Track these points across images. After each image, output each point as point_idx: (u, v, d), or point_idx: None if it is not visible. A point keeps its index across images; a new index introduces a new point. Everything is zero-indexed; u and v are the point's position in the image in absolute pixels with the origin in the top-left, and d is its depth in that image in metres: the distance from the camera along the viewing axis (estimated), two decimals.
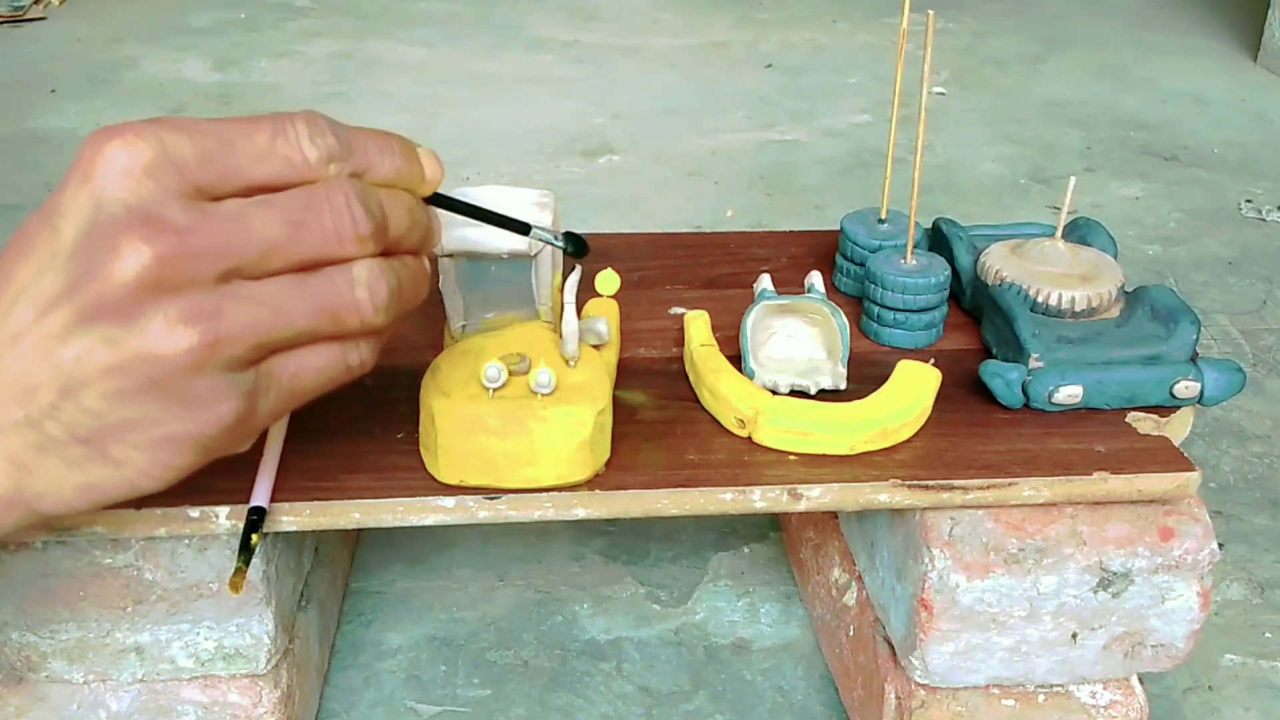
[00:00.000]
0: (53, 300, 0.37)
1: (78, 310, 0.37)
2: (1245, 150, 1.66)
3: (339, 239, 0.39)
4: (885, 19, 2.21)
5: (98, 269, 0.36)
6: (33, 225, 0.39)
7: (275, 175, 0.39)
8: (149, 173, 0.37)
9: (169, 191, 0.37)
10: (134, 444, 0.39)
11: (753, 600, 0.82)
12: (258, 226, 0.38)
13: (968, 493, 0.57)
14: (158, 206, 0.37)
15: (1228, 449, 1.00)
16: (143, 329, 0.37)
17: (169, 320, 0.37)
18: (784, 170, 1.56)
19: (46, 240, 0.38)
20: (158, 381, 0.38)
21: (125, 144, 0.37)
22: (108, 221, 0.37)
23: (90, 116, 1.67)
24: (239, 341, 0.38)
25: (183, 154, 0.37)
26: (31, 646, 0.58)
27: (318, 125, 0.40)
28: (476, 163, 1.56)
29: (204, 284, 0.37)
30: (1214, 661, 0.78)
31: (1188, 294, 1.24)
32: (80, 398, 0.38)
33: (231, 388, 0.39)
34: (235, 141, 0.38)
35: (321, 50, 2.00)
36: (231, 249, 0.38)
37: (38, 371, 0.37)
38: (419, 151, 0.43)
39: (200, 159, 0.38)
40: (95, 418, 0.38)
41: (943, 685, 0.62)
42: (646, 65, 1.97)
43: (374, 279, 0.40)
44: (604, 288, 0.70)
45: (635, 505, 0.56)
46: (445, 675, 0.75)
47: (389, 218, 0.41)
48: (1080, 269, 0.67)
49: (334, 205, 0.39)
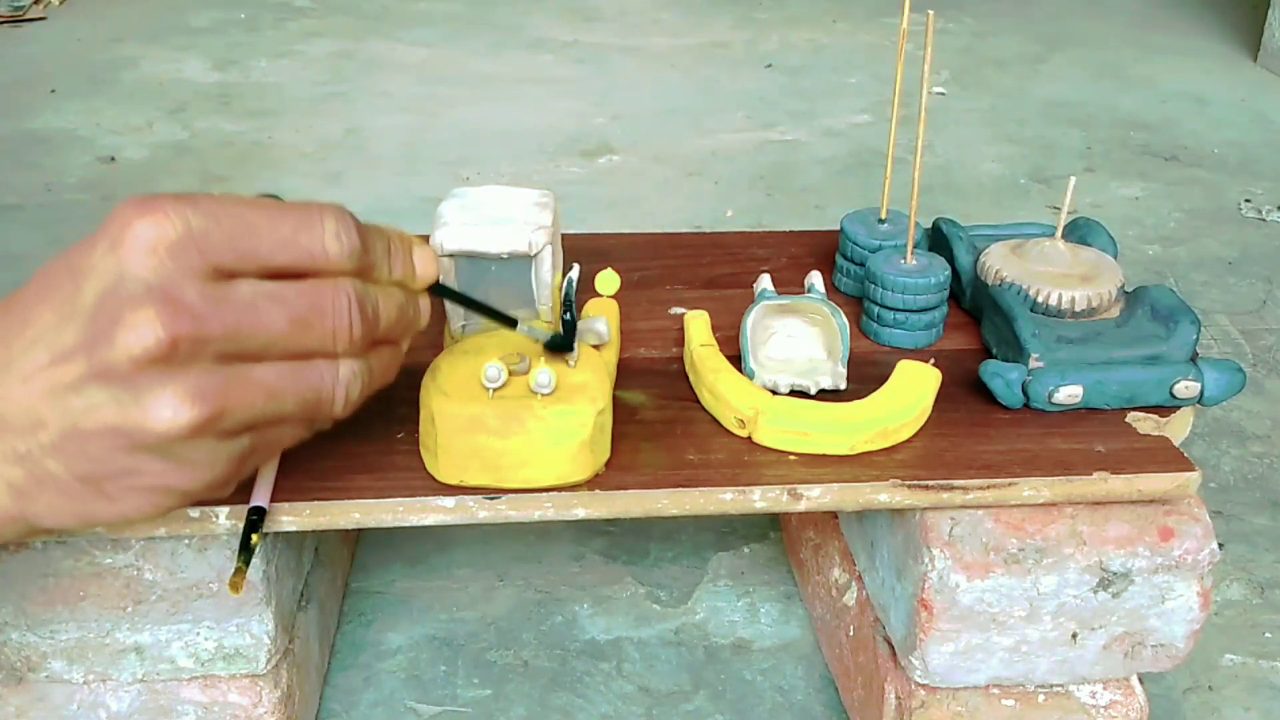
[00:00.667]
0: (68, 352, 0.40)
1: (90, 369, 0.39)
2: (1245, 150, 1.66)
3: (334, 339, 0.43)
4: (885, 19, 2.21)
5: (112, 337, 0.39)
6: (57, 273, 0.41)
7: (292, 263, 0.42)
8: (172, 252, 0.39)
9: (188, 272, 0.39)
10: (129, 488, 0.42)
11: (753, 600, 0.82)
12: (265, 319, 0.41)
13: (968, 493, 0.57)
14: (175, 287, 0.39)
15: (1228, 449, 1.00)
16: (148, 402, 0.39)
17: (175, 396, 0.39)
18: (784, 170, 1.56)
19: (69, 293, 0.40)
20: (158, 446, 0.41)
21: (154, 222, 0.39)
22: (127, 295, 0.39)
23: (90, 116, 1.68)
24: (234, 418, 0.42)
25: (207, 235, 0.40)
26: (31, 646, 0.58)
27: (344, 223, 0.43)
28: (476, 163, 1.56)
29: (208, 363, 0.40)
30: (1214, 661, 0.78)
31: (1188, 294, 1.24)
32: (83, 444, 0.40)
33: (223, 453, 0.43)
34: (260, 229, 0.41)
35: (321, 50, 2.00)
36: (239, 336, 0.41)
37: (45, 412, 0.40)
38: (418, 252, 0.47)
39: (223, 241, 0.40)
40: (95, 463, 0.41)
41: (943, 685, 0.62)
42: (646, 65, 1.97)
43: (352, 380, 0.45)
44: (604, 288, 0.70)
45: (635, 505, 0.56)
46: (445, 675, 0.75)
47: (381, 318, 0.45)
48: (1080, 269, 0.67)
49: (337, 309, 0.43)
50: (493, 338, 0.58)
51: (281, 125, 1.67)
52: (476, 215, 0.60)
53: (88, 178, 1.49)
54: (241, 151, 1.58)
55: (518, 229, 0.59)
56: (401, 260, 0.46)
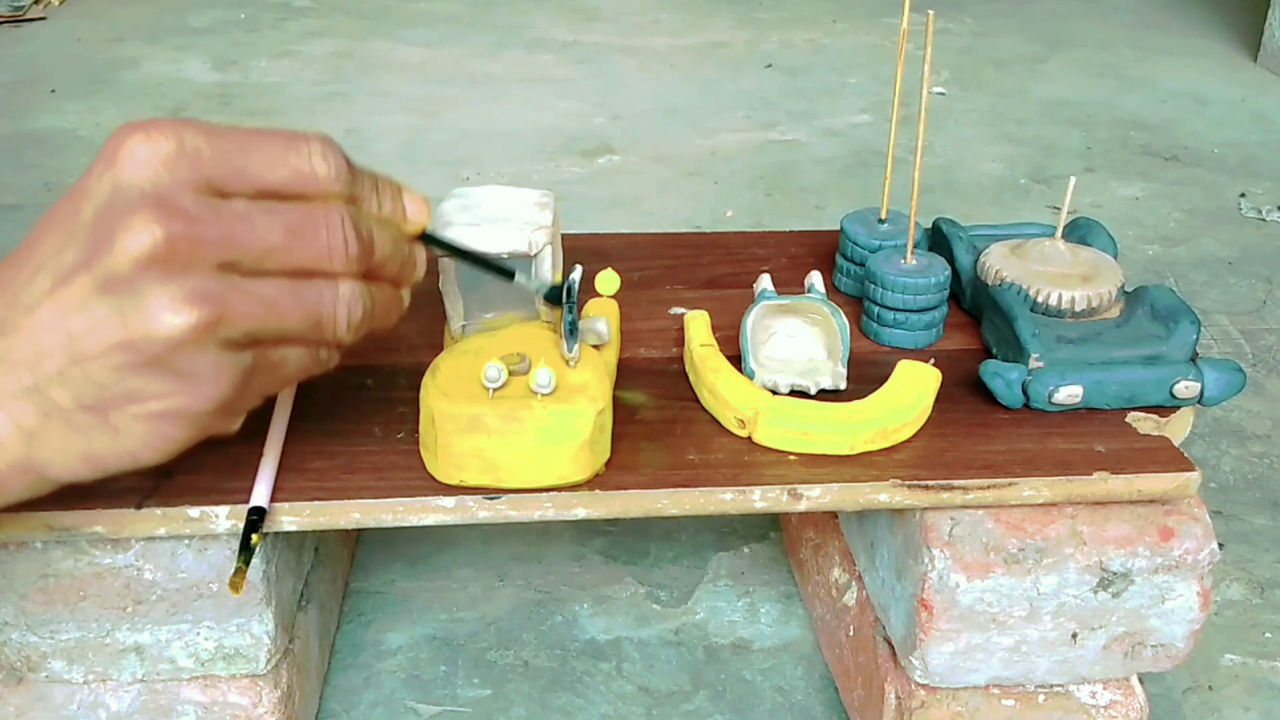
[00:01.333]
0: (69, 271, 0.40)
1: (92, 280, 0.40)
2: (1245, 150, 1.66)
3: (329, 254, 0.43)
4: (885, 19, 2.21)
5: (110, 242, 0.39)
6: (59, 206, 0.42)
7: (283, 183, 0.43)
8: (166, 164, 0.40)
9: (183, 182, 0.40)
10: (135, 415, 0.42)
11: (753, 600, 0.82)
12: (260, 228, 0.42)
13: (968, 493, 0.57)
14: (171, 193, 0.40)
15: (1228, 449, 1.00)
16: (149, 305, 0.40)
17: (174, 298, 0.40)
18: (784, 170, 1.56)
19: (69, 218, 0.41)
20: (162, 357, 0.40)
21: (147, 137, 0.40)
22: (123, 201, 0.40)
23: (90, 116, 1.68)
24: (235, 326, 0.41)
25: (200, 151, 0.41)
26: (31, 646, 0.58)
27: (330, 147, 0.44)
28: (476, 163, 1.56)
29: (206, 269, 0.40)
30: (1214, 661, 0.78)
31: (1188, 294, 1.24)
32: (87, 367, 0.40)
33: (228, 366, 0.42)
34: (250, 146, 0.42)
35: (321, 50, 2.00)
36: (235, 243, 0.41)
37: (49, 339, 0.40)
38: (407, 194, 0.48)
39: (216, 157, 0.41)
40: (100, 387, 0.41)
41: (943, 685, 0.62)
42: (646, 65, 1.97)
43: (353, 299, 0.44)
44: (604, 288, 0.70)
45: (635, 505, 0.56)
46: (445, 675, 0.75)
47: (376, 244, 0.45)
48: (1080, 269, 0.67)
49: (330, 224, 0.43)
50: (493, 338, 0.58)
51: (281, 125, 1.67)
52: (477, 215, 0.60)
53: None
54: None
55: (518, 229, 0.59)
56: (390, 197, 0.47)
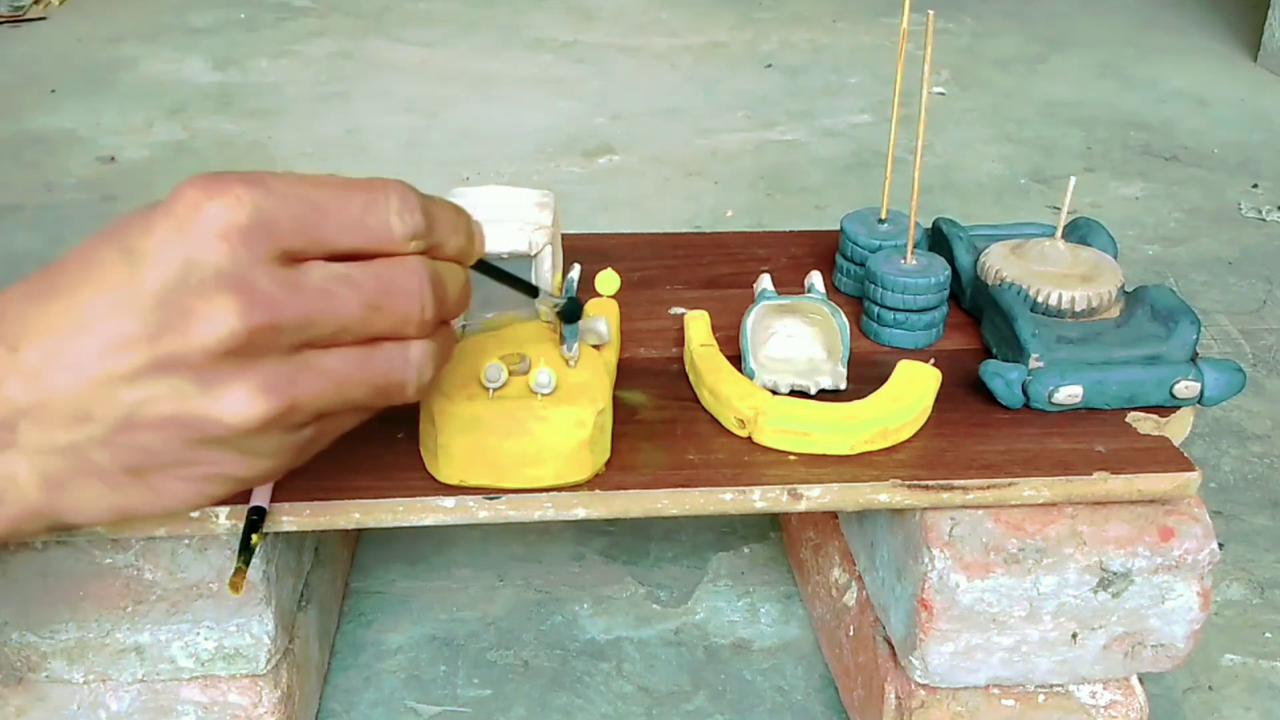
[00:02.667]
0: (127, 342, 0.37)
1: (154, 359, 0.37)
2: (1245, 150, 1.66)
3: (406, 322, 0.41)
4: (885, 19, 2.21)
5: (184, 327, 0.37)
6: (106, 254, 0.38)
7: (360, 245, 0.40)
8: (244, 238, 0.37)
9: (260, 258, 0.37)
10: (180, 478, 0.40)
11: (753, 600, 0.82)
12: (339, 304, 0.39)
13: (968, 493, 0.57)
14: (250, 274, 0.37)
15: (1228, 449, 1.00)
16: (218, 394, 0.38)
17: (247, 390, 0.38)
18: (784, 170, 1.56)
19: (124, 278, 0.37)
20: (225, 439, 0.39)
21: (225, 206, 0.37)
22: (198, 283, 0.37)
23: (90, 116, 1.68)
24: (305, 410, 0.40)
25: (277, 219, 0.38)
26: (31, 646, 0.58)
27: (408, 201, 0.41)
28: (476, 163, 1.56)
29: (281, 353, 0.38)
30: (1214, 661, 0.78)
31: (1188, 294, 1.24)
32: (138, 435, 0.38)
33: (288, 443, 0.41)
34: (328, 210, 0.39)
35: (321, 50, 2.00)
36: (313, 324, 0.39)
37: (94, 404, 0.38)
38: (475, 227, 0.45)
39: (293, 226, 0.38)
40: (148, 455, 0.39)
41: (943, 685, 0.62)
42: (646, 65, 1.97)
43: (423, 362, 0.42)
44: (604, 288, 0.70)
45: (635, 505, 0.56)
46: (445, 675, 0.75)
47: (449, 297, 0.43)
48: (1080, 269, 0.67)
49: (408, 289, 0.41)
50: (493, 338, 0.58)
51: (281, 125, 1.67)
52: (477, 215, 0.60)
53: (88, 178, 1.49)
54: (241, 151, 1.58)
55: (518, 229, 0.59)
56: (459, 233, 0.44)
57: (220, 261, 0.37)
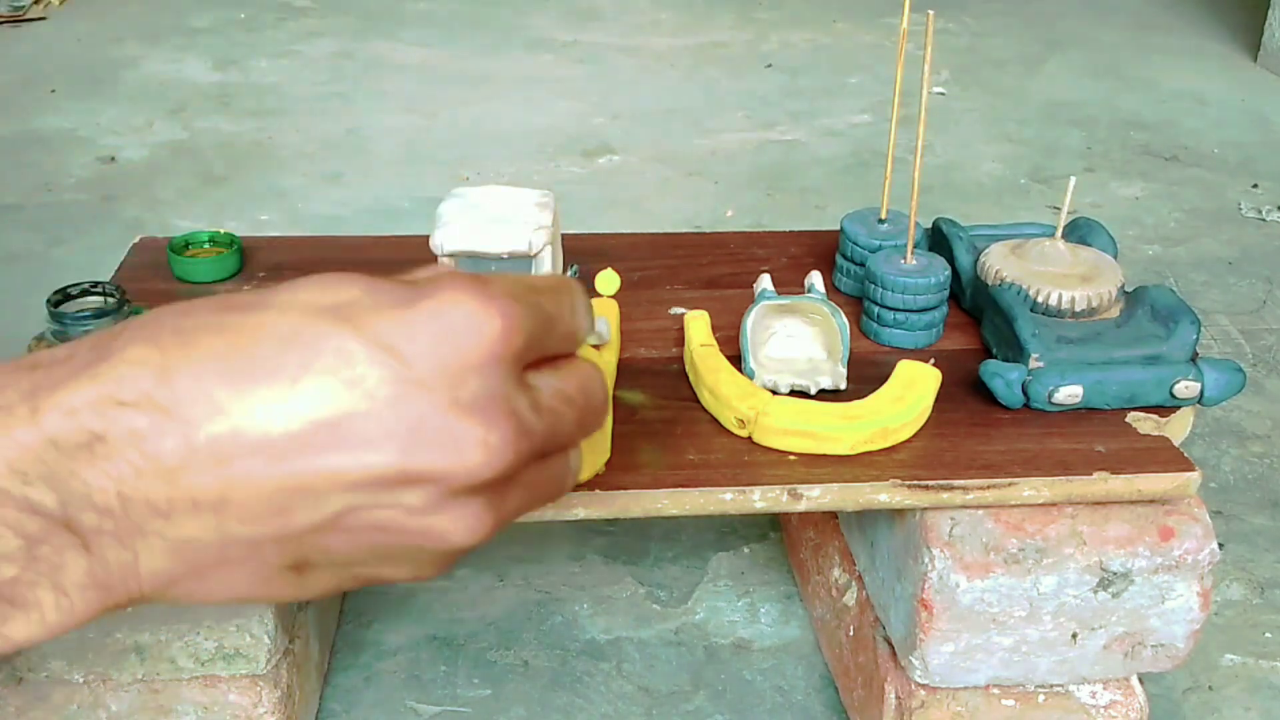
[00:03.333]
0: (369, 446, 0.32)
1: (401, 472, 0.33)
2: (1245, 150, 1.66)
3: (591, 430, 0.39)
4: (885, 19, 2.21)
5: (449, 448, 0.33)
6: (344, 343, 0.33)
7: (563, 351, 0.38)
8: (512, 358, 0.34)
9: (517, 379, 0.35)
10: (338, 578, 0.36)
11: (753, 600, 0.82)
12: (563, 426, 0.37)
13: (968, 493, 0.57)
14: (514, 399, 0.34)
15: (1228, 449, 1.00)
16: (455, 514, 0.34)
17: (479, 510, 0.34)
18: (784, 170, 1.56)
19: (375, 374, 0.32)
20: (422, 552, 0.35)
21: (500, 322, 0.34)
22: (472, 405, 0.33)
23: (90, 116, 1.68)
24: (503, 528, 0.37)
25: (530, 336, 0.35)
26: (31, 646, 0.58)
27: (587, 303, 0.39)
28: (476, 163, 1.56)
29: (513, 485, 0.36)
30: (1214, 661, 0.78)
31: (1188, 294, 1.24)
32: (331, 538, 0.34)
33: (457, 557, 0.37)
34: (554, 320, 0.37)
35: (321, 50, 2.00)
36: (546, 450, 0.37)
37: (299, 504, 0.33)
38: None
39: (535, 341, 0.36)
40: (327, 555, 0.35)
41: (943, 685, 0.62)
42: (646, 65, 1.97)
43: (578, 465, 0.40)
44: (604, 288, 0.70)
45: (635, 505, 0.56)
46: (445, 675, 0.75)
47: None
48: (1080, 269, 0.67)
49: (601, 401, 0.39)
50: None
51: (281, 125, 1.67)
52: (477, 215, 0.60)
53: (87, 178, 1.49)
54: (241, 151, 1.58)
55: (518, 229, 0.59)
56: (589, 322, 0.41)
57: (490, 383, 0.33)
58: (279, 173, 1.52)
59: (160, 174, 1.51)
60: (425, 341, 0.33)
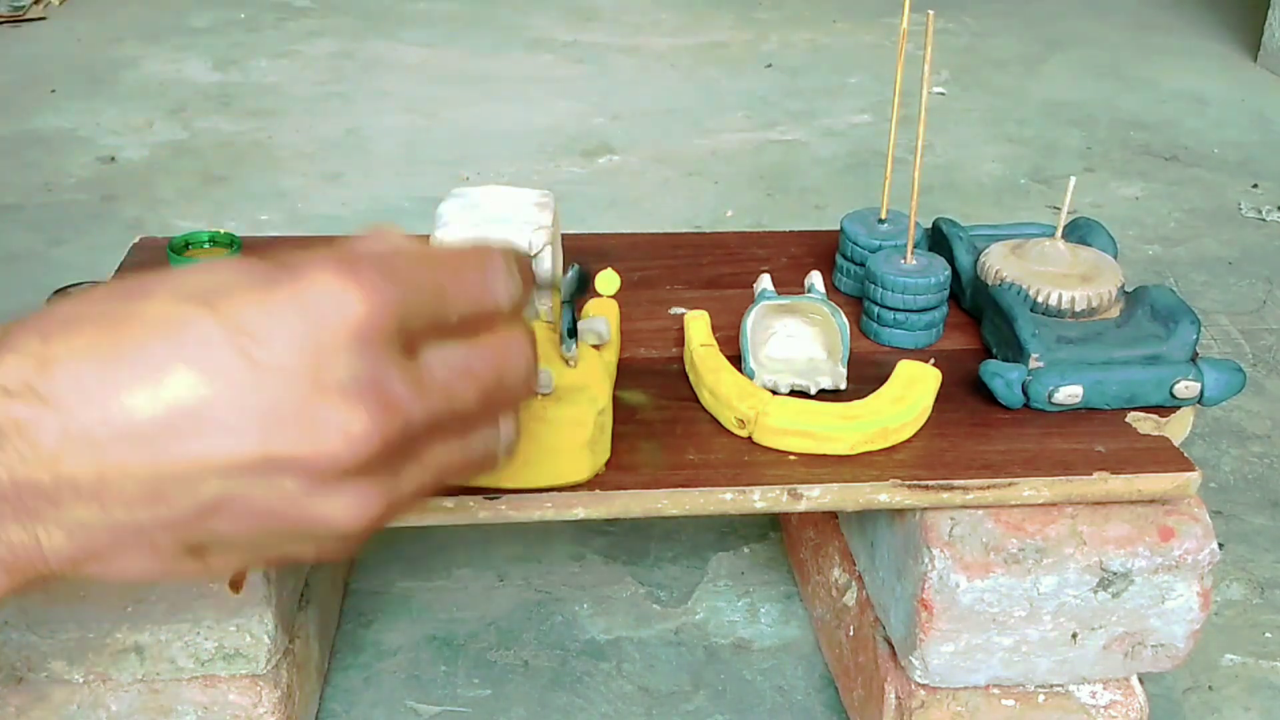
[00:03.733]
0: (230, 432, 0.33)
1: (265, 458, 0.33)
2: (1245, 150, 1.66)
3: (511, 402, 0.39)
4: (885, 19, 2.21)
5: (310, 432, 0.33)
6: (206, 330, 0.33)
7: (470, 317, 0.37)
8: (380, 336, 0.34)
9: (393, 357, 0.34)
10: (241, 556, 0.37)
11: (753, 600, 0.82)
12: (460, 399, 0.36)
13: (968, 493, 0.57)
14: (384, 378, 0.34)
15: (1228, 449, 1.00)
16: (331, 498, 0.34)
17: (360, 494, 0.34)
18: (784, 170, 1.56)
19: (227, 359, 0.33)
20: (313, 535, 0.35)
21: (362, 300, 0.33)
22: (332, 385, 0.33)
23: (90, 116, 1.68)
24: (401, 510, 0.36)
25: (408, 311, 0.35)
26: (31, 646, 0.58)
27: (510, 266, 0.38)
28: (476, 163, 1.56)
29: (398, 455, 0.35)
30: (1214, 661, 0.78)
31: (1188, 294, 1.24)
32: (214, 522, 0.34)
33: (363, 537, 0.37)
34: (448, 291, 0.36)
35: (321, 50, 2.00)
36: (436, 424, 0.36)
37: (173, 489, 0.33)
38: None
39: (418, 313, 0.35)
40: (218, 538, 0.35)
41: (943, 685, 0.62)
42: (646, 65, 1.97)
43: (510, 438, 0.39)
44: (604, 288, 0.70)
45: (635, 505, 0.56)
46: (445, 675, 0.75)
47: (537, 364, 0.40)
48: (1080, 269, 0.67)
49: (516, 372, 0.38)
50: None
51: (281, 125, 1.67)
52: (477, 215, 0.60)
53: (87, 177, 1.49)
54: (241, 151, 1.58)
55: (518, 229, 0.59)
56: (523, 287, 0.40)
57: (355, 363, 0.33)
58: (279, 173, 1.52)
59: (160, 174, 1.51)
60: (285, 324, 0.33)
